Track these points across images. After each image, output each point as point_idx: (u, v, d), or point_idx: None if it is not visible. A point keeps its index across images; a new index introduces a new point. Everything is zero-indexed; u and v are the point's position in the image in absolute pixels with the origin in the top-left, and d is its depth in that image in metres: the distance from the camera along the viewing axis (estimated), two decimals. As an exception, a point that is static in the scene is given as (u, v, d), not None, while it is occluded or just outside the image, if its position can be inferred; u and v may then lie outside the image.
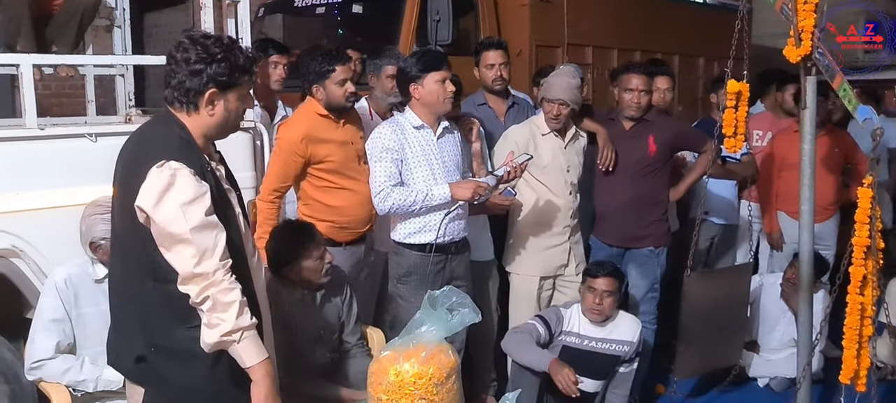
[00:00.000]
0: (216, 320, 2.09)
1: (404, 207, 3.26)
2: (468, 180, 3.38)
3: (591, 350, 3.69)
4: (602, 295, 3.64)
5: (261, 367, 2.16)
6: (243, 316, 2.11)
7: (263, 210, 3.52)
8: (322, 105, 3.54)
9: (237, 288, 2.11)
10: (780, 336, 4.47)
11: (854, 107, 3.16)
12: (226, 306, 2.09)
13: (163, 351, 2.21)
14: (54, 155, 3.18)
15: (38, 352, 2.82)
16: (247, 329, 2.12)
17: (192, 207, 2.08)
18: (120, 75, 4.47)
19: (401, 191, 3.26)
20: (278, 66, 4.30)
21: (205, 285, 2.08)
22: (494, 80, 4.21)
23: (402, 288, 3.44)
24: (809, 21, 3.06)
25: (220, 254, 2.10)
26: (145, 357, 2.23)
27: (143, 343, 2.23)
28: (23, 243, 3.03)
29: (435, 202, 3.27)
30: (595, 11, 6.56)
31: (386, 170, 3.26)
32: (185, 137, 2.19)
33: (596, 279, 3.67)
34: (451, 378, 2.25)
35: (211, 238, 2.09)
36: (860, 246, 2.96)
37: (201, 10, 3.51)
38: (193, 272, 2.07)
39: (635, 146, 4.01)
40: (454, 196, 3.26)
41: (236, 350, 2.14)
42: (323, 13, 6.10)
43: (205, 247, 2.07)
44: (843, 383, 3.02)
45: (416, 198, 3.25)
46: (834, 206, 4.89)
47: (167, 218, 2.07)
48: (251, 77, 2.30)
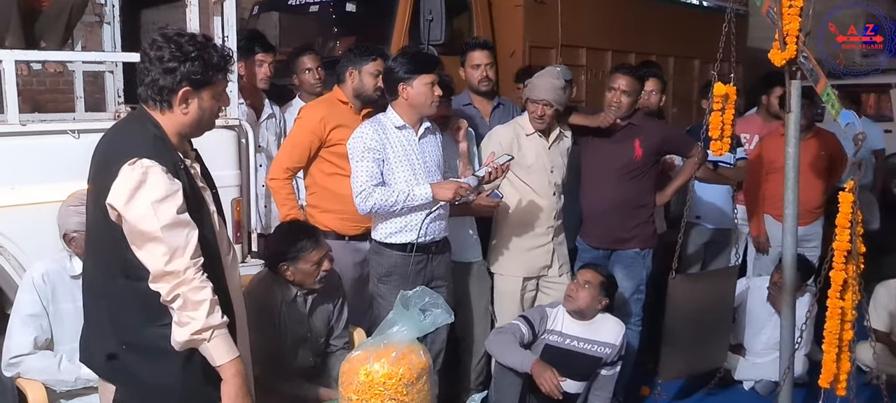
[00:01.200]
0: (186, 318, 2.10)
1: (386, 207, 3.26)
2: (450, 181, 3.37)
3: (572, 349, 3.68)
4: (580, 285, 3.66)
5: (231, 366, 2.17)
6: (213, 315, 2.11)
7: (278, 189, 3.64)
8: (348, 93, 3.68)
9: (208, 286, 2.12)
10: (766, 339, 4.47)
11: (837, 111, 3.16)
12: (196, 305, 2.09)
13: (134, 349, 2.22)
14: (36, 151, 3.18)
15: (15, 348, 2.82)
16: (217, 327, 2.13)
17: (164, 205, 2.08)
18: (109, 72, 4.48)
19: (382, 191, 3.26)
20: (264, 65, 4.30)
21: (175, 283, 2.08)
22: (480, 81, 4.23)
23: (383, 287, 3.43)
24: (794, 25, 3.07)
25: (192, 253, 2.10)
26: (117, 354, 2.23)
27: (114, 341, 2.23)
28: (3, 239, 3.04)
29: (416, 202, 3.27)
30: (589, 13, 6.53)
31: (368, 169, 3.26)
32: (159, 135, 2.19)
33: (582, 270, 3.77)
34: (421, 378, 2.25)
35: (182, 236, 2.10)
36: (841, 250, 2.96)
37: (187, 8, 3.50)
38: (164, 270, 2.08)
39: (621, 149, 4.01)
40: (436, 196, 3.26)
41: (207, 349, 2.14)
42: (317, 11, 6.10)
43: (176, 246, 2.08)
44: (823, 387, 3.03)
45: (397, 199, 3.25)
46: (820, 209, 4.88)
47: (138, 216, 2.08)
48: (226, 75, 2.29)
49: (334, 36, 6.08)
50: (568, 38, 6.34)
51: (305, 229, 3.27)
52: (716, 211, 4.96)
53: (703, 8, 8.02)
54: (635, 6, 7.01)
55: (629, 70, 4.15)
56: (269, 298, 3.11)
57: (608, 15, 6.73)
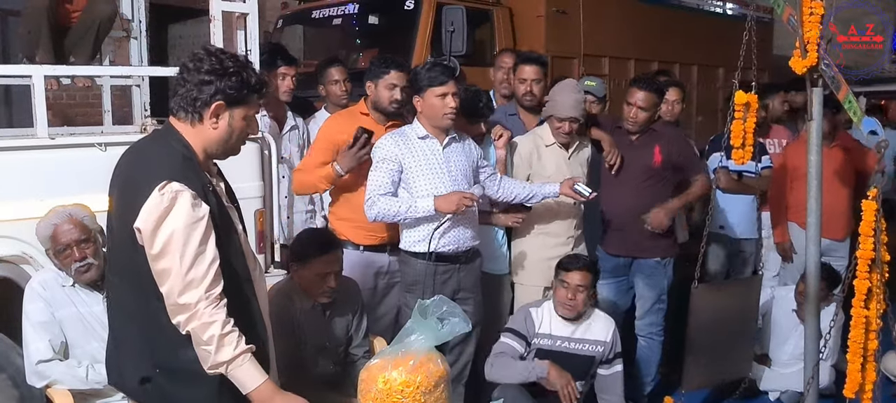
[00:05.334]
0: (203, 352, 2.10)
1: (389, 216, 3.32)
2: (453, 192, 3.33)
3: (563, 351, 3.58)
4: (575, 289, 3.51)
5: (259, 392, 2.14)
6: (223, 350, 2.08)
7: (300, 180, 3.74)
8: (370, 105, 3.69)
9: (216, 321, 2.08)
10: (791, 349, 4.42)
11: (859, 119, 3.14)
12: (206, 341, 2.08)
13: (168, 372, 2.19)
14: (64, 164, 3.24)
15: (36, 353, 2.87)
16: (230, 361, 2.10)
17: (188, 235, 2.06)
18: (136, 85, 4.55)
19: (386, 201, 3.31)
20: (287, 78, 4.36)
21: (187, 317, 2.07)
22: (524, 95, 4.21)
23: (409, 296, 3.45)
24: (815, 32, 3.05)
25: (207, 285, 2.07)
26: (151, 377, 2.20)
27: (148, 364, 2.20)
28: (32, 250, 3.09)
29: (419, 214, 3.30)
30: (611, 22, 6.54)
31: (378, 179, 3.33)
32: (187, 155, 2.17)
33: (569, 272, 3.53)
34: (439, 387, 2.26)
35: (202, 269, 2.07)
36: (864, 259, 2.93)
37: (211, 23, 3.56)
38: (177, 302, 2.07)
39: (641, 155, 4.00)
40: (437, 208, 3.27)
41: (233, 378, 2.13)
42: (340, 24, 6.18)
43: (191, 278, 2.06)
44: (848, 396, 2.99)
45: (400, 209, 3.30)
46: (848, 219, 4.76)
47: (162, 243, 2.06)
48: (259, 98, 2.28)
49: (358, 48, 6.15)
50: (590, 47, 6.36)
51: (322, 238, 3.30)
52: (739, 221, 4.92)
53: (726, 16, 7.99)
54: (658, 15, 7.01)
55: (647, 84, 4.08)
56: (289, 306, 3.14)
57: (630, 24, 6.74)
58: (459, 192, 3.32)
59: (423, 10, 5.51)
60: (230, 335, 2.10)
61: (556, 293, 3.59)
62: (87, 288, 2.95)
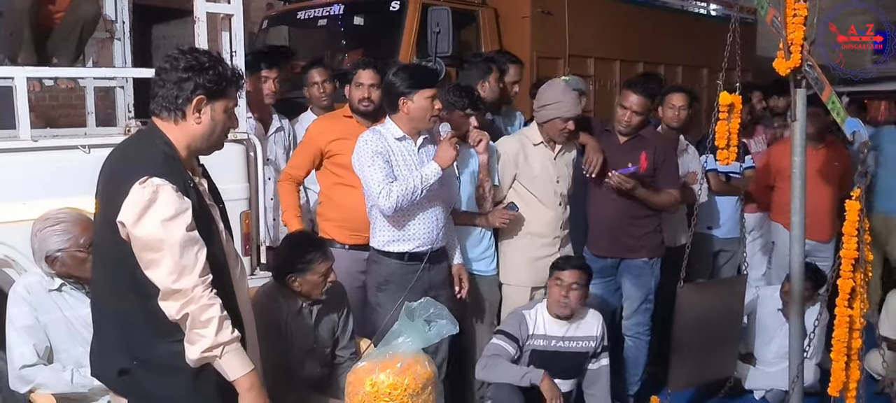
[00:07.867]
0: (196, 336, 2.12)
1: (408, 196, 3.26)
2: (442, 139, 3.40)
3: (558, 350, 3.66)
4: (569, 287, 3.58)
5: (246, 379, 2.19)
6: (223, 332, 2.13)
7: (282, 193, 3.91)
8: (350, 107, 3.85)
9: (216, 303, 2.14)
10: (776, 348, 4.45)
11: (842, 119, 3.16)
12: (205, 323, 2.11)
13: (145, 365, 2.23)
14: (47, 166, 3.21)
15: (20, 358, 2.82)
16: (228, 343, 2.14)
17: (173, 224, 2.10)
18: (120, 87, 4.52)
19: (399, 185, 3.26)
20: (268, 80, 4.36)
21: (184, 302, 2.10)
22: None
23: (381, 295, 3.45)
24: (798, 33, 3.07)
25: (200, 271, 2.12)
26: (128, 370, 2.25)
27: (126, 357, 2.25)
28: (15, 253, 3.05)
29: (432, 180, 3.29)
30: (597, 23, 6.54)
31: (381, 169, 3.27)
32: (170, 153, 2.21)
33: (563, 271, 3.62)
34: (426, 388, 2.27)
35: (191, 255, 2.11)
36: (848, 258, 2.96)
37: (195, 24, 3.54)
38: (172, 288, 2.10)
39: (627, 159, 4.00)
40: (440, 164, 3.30)
41: (220, 364, 2.16)
42: (325, 25, 6.15)
43: (184, 264, 2.10)
44: (832, 395, 3.02)
45: (415, 184, 3.26)
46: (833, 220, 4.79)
47: (148, 234, 2.09)
48: (237, 91, 2.34)
49: (343, 49, 6.13)
50: (576, 48, 6.35)
51: (313, 241, 3.29)
52: (725, 221, 4.95)
53: (710, 17, 8.01)
54: (643, 16, 7.01)
55: (642, 89, 4.06)
56: (275, 310, 3.13)
57: (616, 25, 6.73)
58: (446, 141, 3.34)
59: (409, 11, 5.49)
60: (228, 319, 2.16)
61: (550, 292, 3.66)
62: (77, 289, 2.92)
